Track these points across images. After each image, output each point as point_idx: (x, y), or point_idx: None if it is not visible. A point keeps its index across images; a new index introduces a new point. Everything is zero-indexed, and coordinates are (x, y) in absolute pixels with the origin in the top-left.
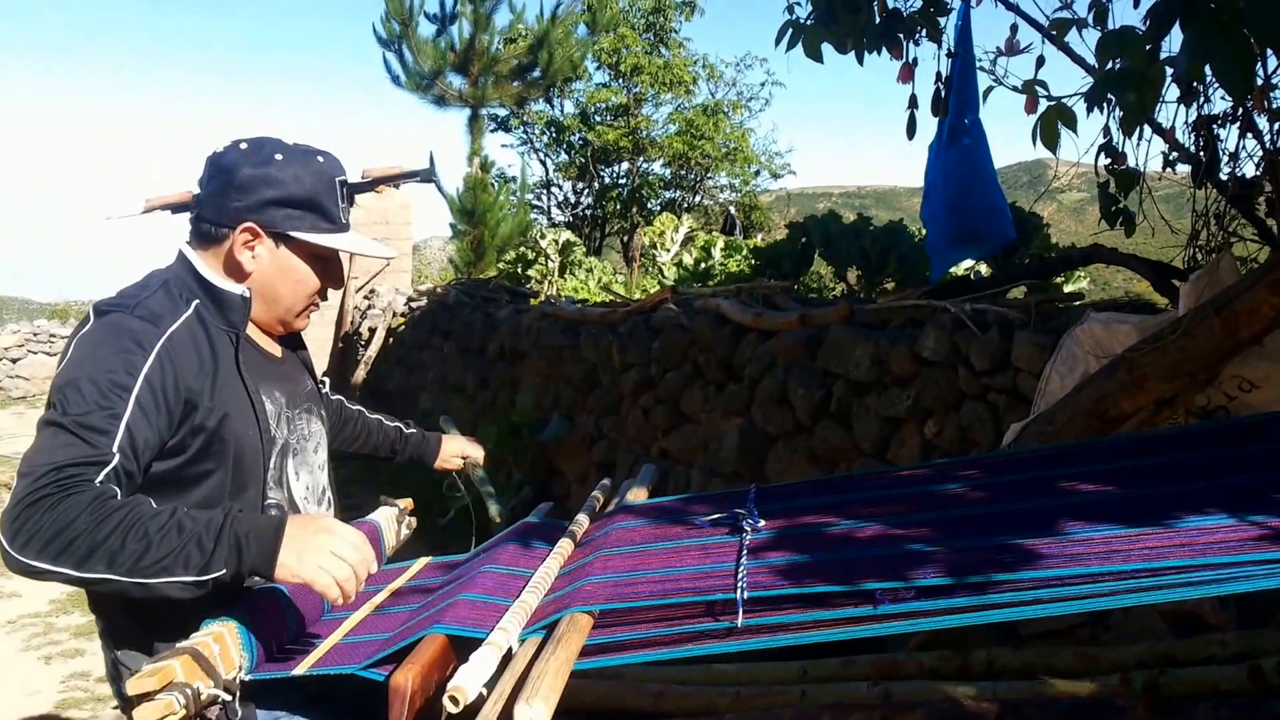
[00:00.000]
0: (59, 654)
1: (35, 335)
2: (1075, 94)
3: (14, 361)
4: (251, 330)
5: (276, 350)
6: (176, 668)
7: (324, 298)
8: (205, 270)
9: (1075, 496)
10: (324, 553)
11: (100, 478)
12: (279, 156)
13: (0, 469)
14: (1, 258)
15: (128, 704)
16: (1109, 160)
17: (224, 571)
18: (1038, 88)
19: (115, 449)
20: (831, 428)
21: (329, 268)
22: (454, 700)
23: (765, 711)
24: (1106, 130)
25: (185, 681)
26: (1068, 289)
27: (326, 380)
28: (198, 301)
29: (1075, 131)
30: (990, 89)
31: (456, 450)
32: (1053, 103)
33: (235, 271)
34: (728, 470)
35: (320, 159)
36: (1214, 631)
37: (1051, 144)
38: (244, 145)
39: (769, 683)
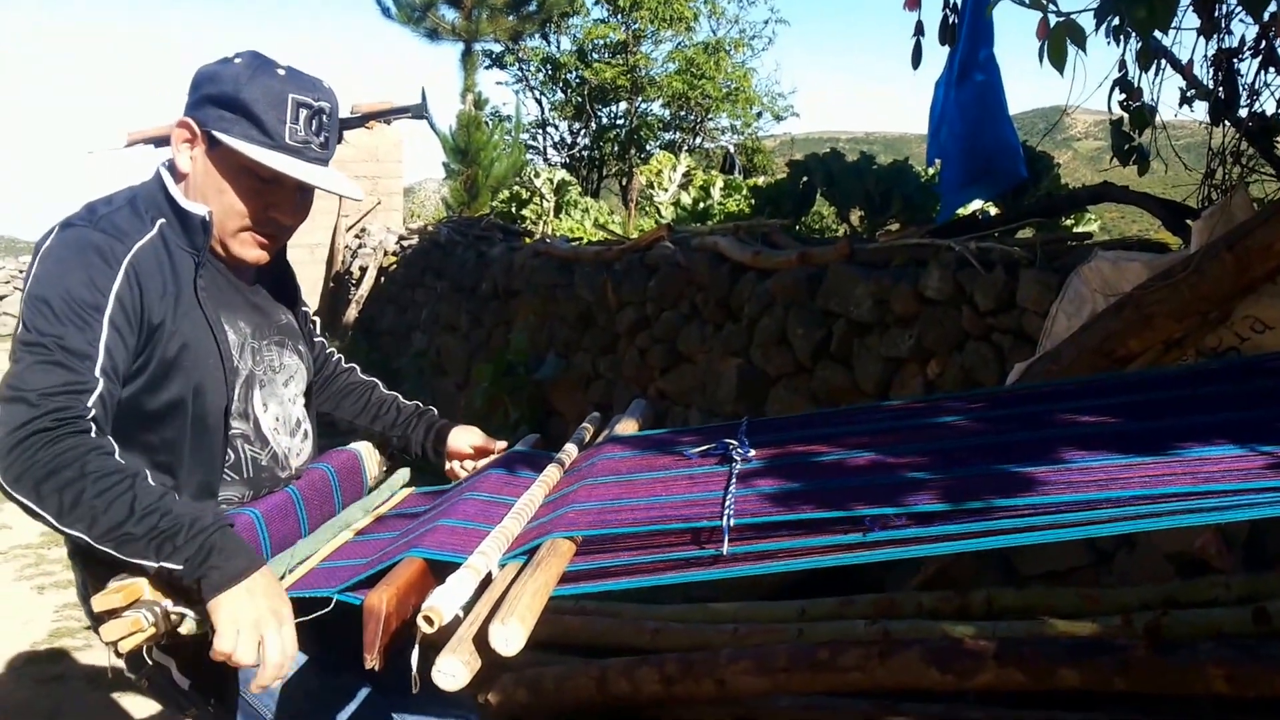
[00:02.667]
0: (52, 584)
1: (21, 272)
2: (1085, 9)
3: (0, 299)
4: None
5: (249, 279)
6: (144, 585)
7: (270, 228)
8: (174, 189)
9: (1075, 428)
10: (254, 624)
11: (91, 403)
12: (238, 60)
13: None
14: None
15: (97, 621)
16: (1123, 96)
17: (181, 570)
18: (1047, 2)
19: (98, 373)
20: (832, 368)
21: (270, 192)
22: (429, 620)
23: (761, 647)
24: (1122, 64)
25: (153, 600)
26: (1076, 231)
27: (317, 321)
28: (163, 220)
29: (1084, 50)
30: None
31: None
32: (1061, 18)
33: (176, 172)
34: (726, 411)
35: (281, 71)
36: (1218, 574)
37: (1059, 62)
38: (230, 53)
39: (766, 621)
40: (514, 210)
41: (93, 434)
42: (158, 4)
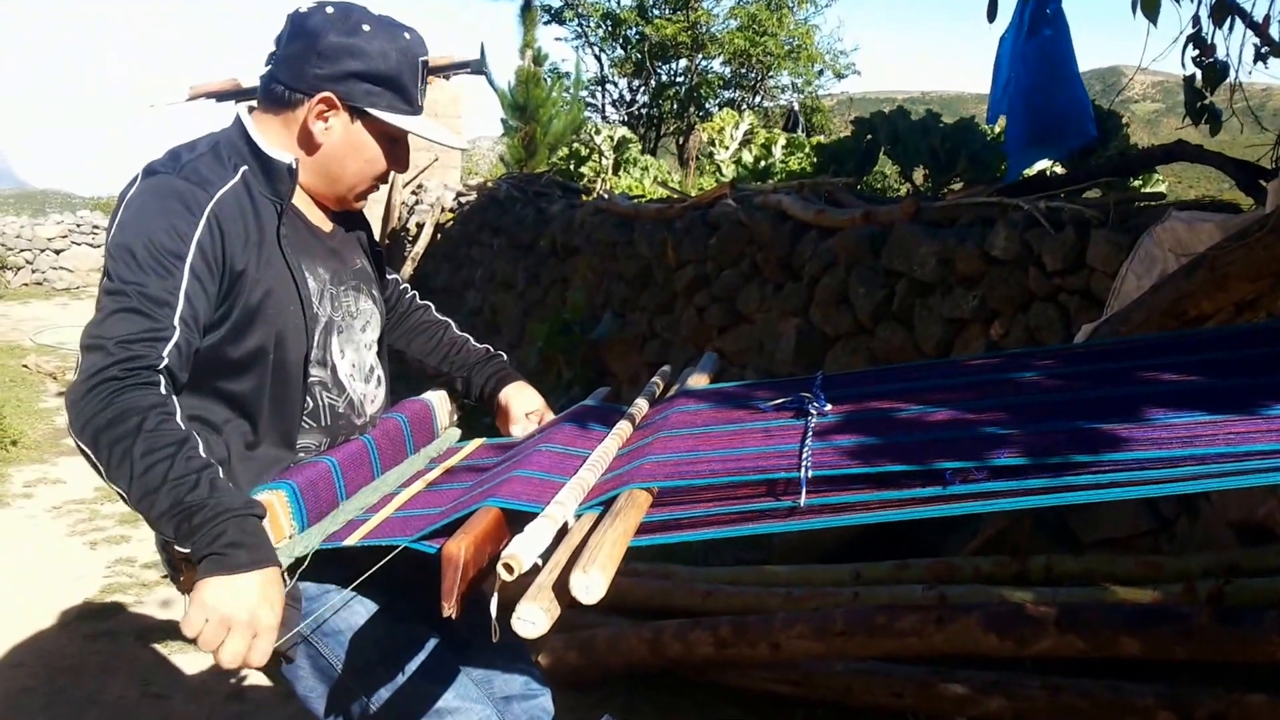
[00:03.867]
0: (104, 540)
1: (79, 226)
2: None
3: (57, 253)
4: (302, 203)
5: (326, 225)
6: None
7: (386, 181)
8: (258, 136)
9: (1156, 386)
10: (222, 620)
11: (166, 351)
12: (366, 28)
13: (45, 359)
14: (46, 154)
15: (177, 572)
16: (1196, 52)
17: (189, 551)
18: None
19: (176, 321)
20: (893, 328)
21: (397, 150)
22: (508, 568)
23: (817, 611)
24: (1195, 19)
25: None
26: (1146, 191)
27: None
28: (245, 168)
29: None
30: None
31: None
32: None
33: (305, 141)
34: (784, 371)
35: (407, 35)
36: None
37: (1152, 12)
38: (330, 9)
39: (820, 584)
40: (572, 167)
41: (160, 388)
42: None
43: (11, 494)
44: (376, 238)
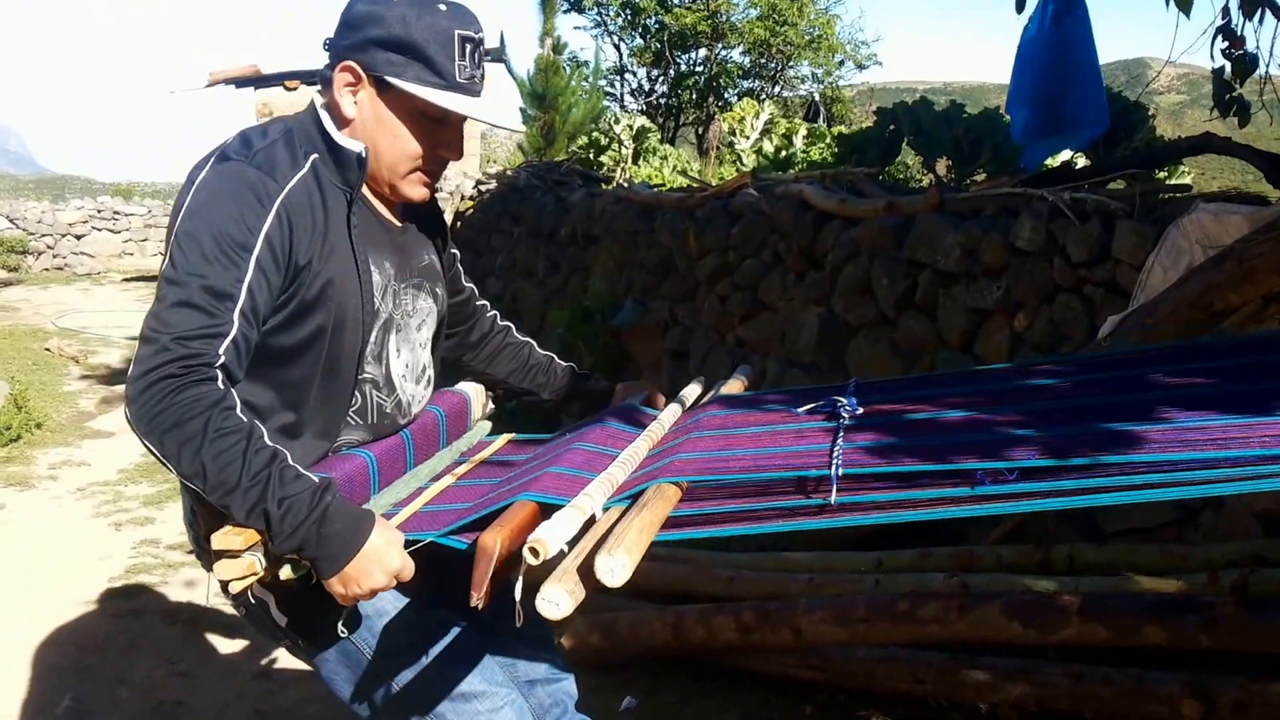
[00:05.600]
0: (129, 521)
1: (99, 212)
2: None
3: (78, 238)
4: (372, 194)
5: (396, 220)
6: None
7: (438, 166)
8: (329, 123)
9: (1185, 390)
10: (363, 592)
11: (224, 349)
12: None
13: (68, 342)
14: (65, 139)
15: (205, 552)
16: (1226, 44)
17: (283, 548)
18: None
19: (236, 315)
20: (916, 319)
21: (440, 132)
22: (534, 552)
23: (839, 597)
24: (1225, 11)
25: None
26: (1172, 183)
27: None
28: (316, 156)
29: None
30: None
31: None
32: None
33: (339, 119)
34: (805, 360)
35: (443, 7)
36: None
37: (1185, 5)
38: None
39: (842, 571)
40: (591, 156)
41: (219, 383)
42: None
43: (37, 476)
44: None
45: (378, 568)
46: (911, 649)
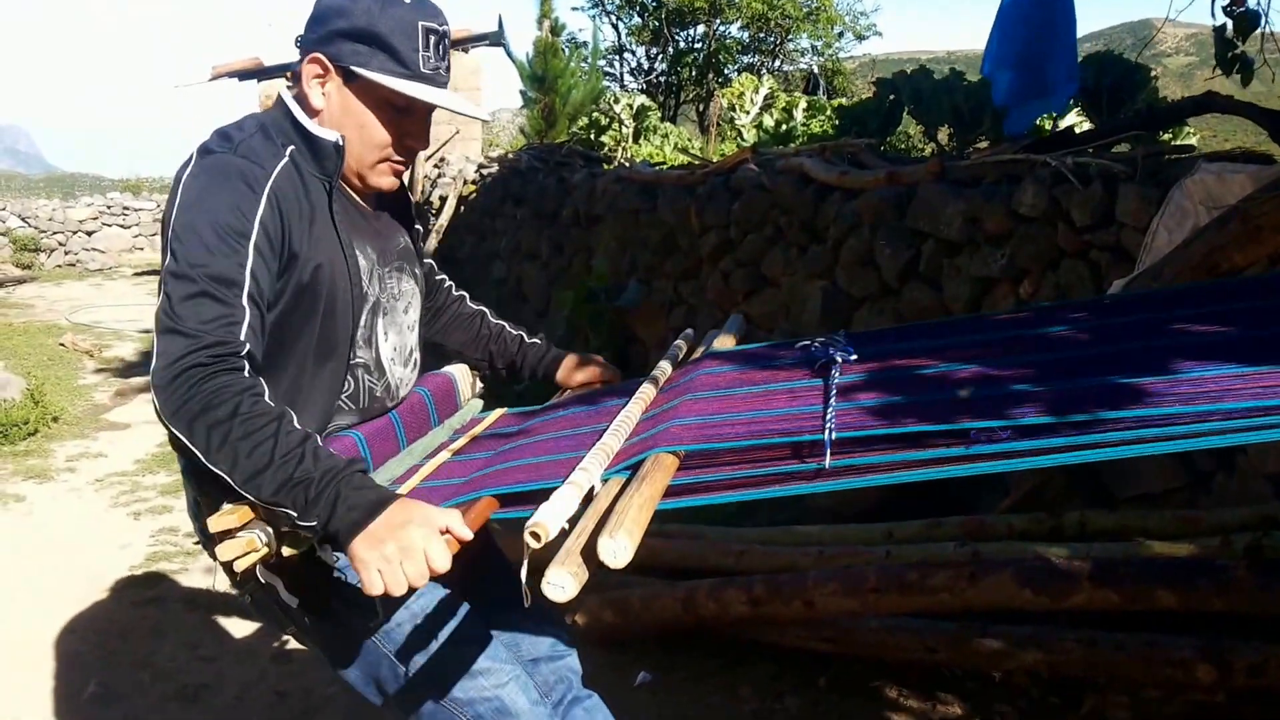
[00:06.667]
0: (147, 510)
1: (109, 208)
2: None
3: (89, 234)
4: (347, 182)
5: (369, 206)
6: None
7: (405, 155)
8: (301, 115)
9: (1187, 337)
10: (395, 557)
11: (244, 335)
12: None
13: (81, 337)
14: (73, 137)
15: (209, 540)
16: (1227, 1)
17: (314, 524)
18: None
19: (245, 300)
20: (920, 289)
21: (406, 122)
22: (535, 536)
23: (850, 569)
24: None
25: (266, 518)
26: (1176, 144)
27: (430, 260)
28: (293, 148)
29: None
30: None
31: (587, 376)
32: None
33: (308, 108)
34: (811, 334)
35: (408, 0)
36: None
37: None
38: None
39: (853, 543)
40: (592, 137)
41: (246, 372)
42: None
43: (55, 468)
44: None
45: (405, 530)
46: (923, 618)
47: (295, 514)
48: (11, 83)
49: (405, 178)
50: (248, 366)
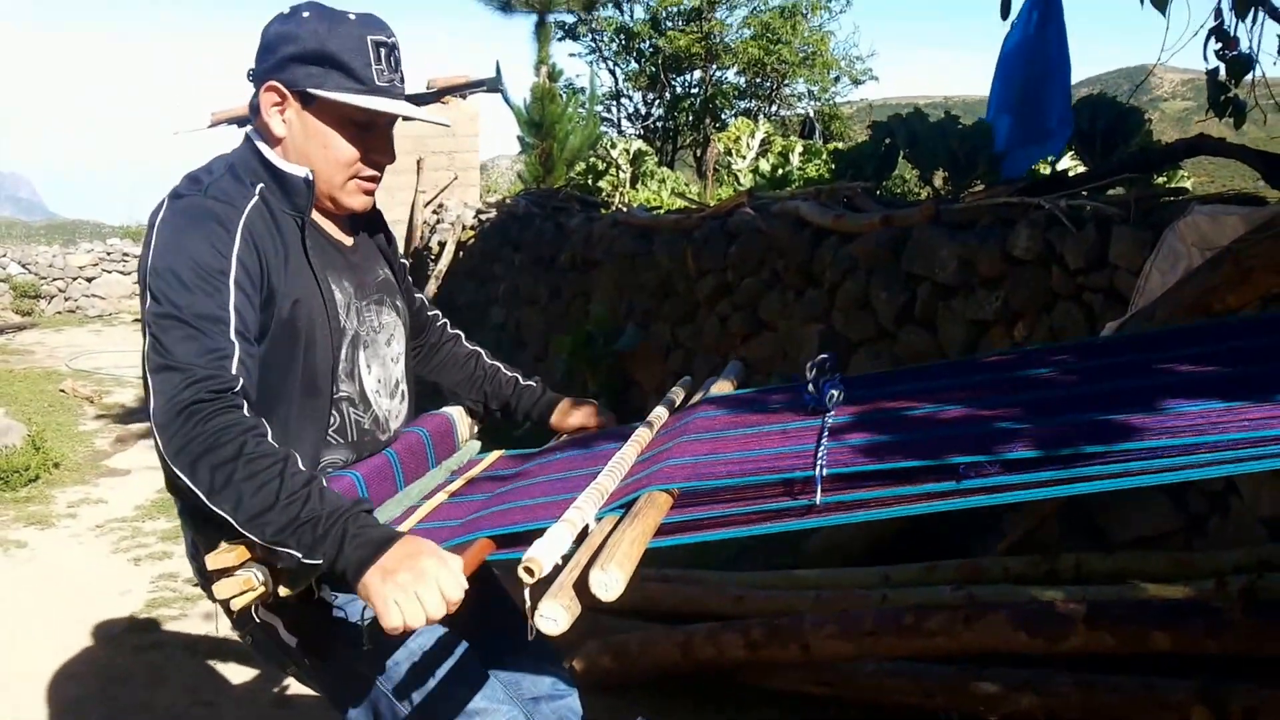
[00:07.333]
0: (147, 556)
1: (109, 254)
2: None
3: (89, 280)
4: (319, 216)
5: (347, 239)
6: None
7: (372, 172)
8: (269, 152)
9: (1172, 376)
10: (410, 586)
11: (235, 370)
12: (306, 14)
13: (82, 383)
14: (74, 184)
15: (206, 580)
16: (1219, 45)
17: (320, 562)
18: None
19: (233, 336)
20: (916, 332)
21: (368, 138)
22: (529, 572)
23: (846, 612)
24: (1218, 12)
25: (263, 557)
26: (1170, 187)
27: (420, 294)
28: (262, 185)
29: None
30: None
31: (582, 420)
32: None
33: (271, 139)
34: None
35: (352, 16)
36: None
37: (1161, 3)
38: (285, 10)
39: (850, 587)
40: (590, 182)
41: (245, 410)
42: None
43: (56, 514)
44: (400, 248)
45: (416, 563)
46: (919, 662)
47: (300, 553)
48: (13, 130)
49: (405, 223)
50: (245, 404)
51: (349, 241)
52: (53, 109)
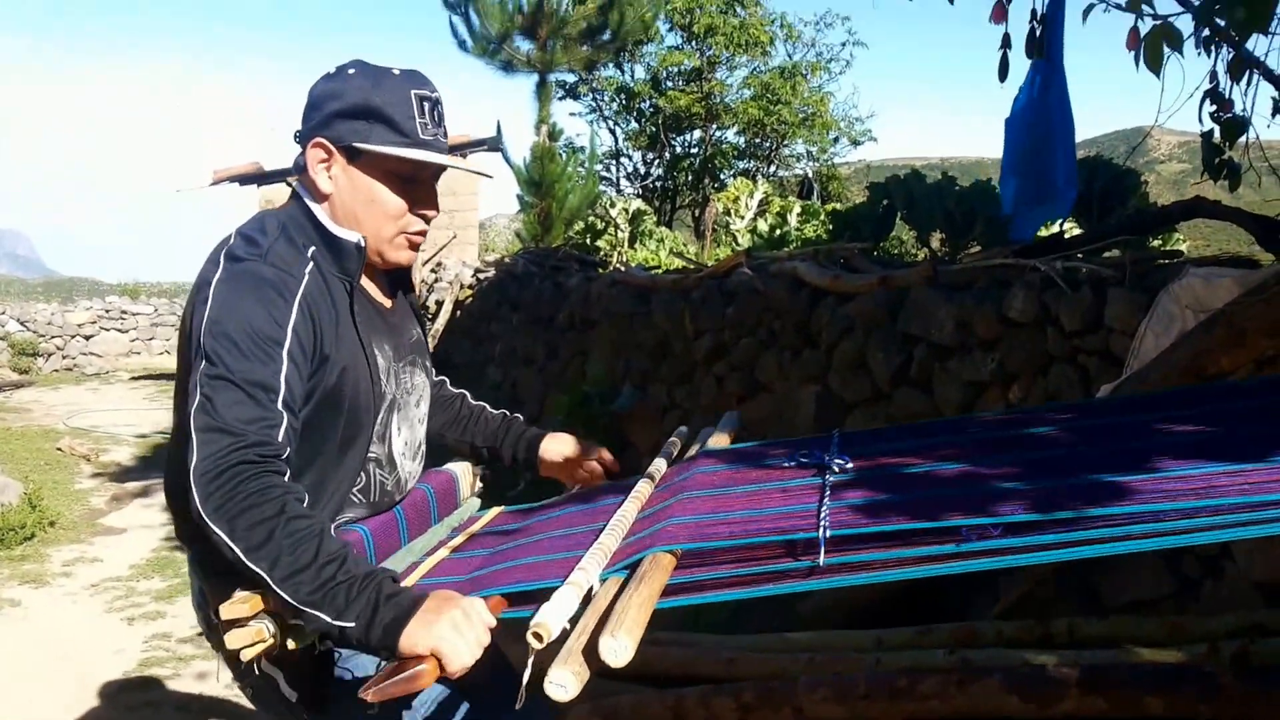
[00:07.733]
0: (141, 615)
1: (107, 312)
2: (1182, 11)
3: (87, 338)
4: (364, 279)
5: (386, 301)
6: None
7: (420, 222)
8: (322, 215)
9: (1171, 438)
10: (462, 626)
11: (281, 438)
12: (352, 71)
13: (79, 441)
14: (72, 242)
15: (214, 630)
16: (1214, 107)
17: (353, 625)
18: (1143, 5)
19: (281, 405)
20: (912, 394)
21: (414, 189)
22: (538, 636)
23: (839, 675)
24: (1213, 75)
25: (275, 609)
26: (1165, 249)
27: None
28: (314, 248)
29: (1180, 52)
30: (1090, 7)
31: (565, 450)
32: (1158, 22)
33: (318, 195)
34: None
35: (396, 72)
36: None
37: (1156, 66)
38: (332, 69)
39: (843, 650)
40: (589, 241)
41: (287, 476)
42: (235, 51)
43: (52, 573)
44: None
45: (444, 618)
46: None
47: (329, 615)
48: (11, 188)
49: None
50: (288, 472)
51: (389, 304)
52: (50, 164)
